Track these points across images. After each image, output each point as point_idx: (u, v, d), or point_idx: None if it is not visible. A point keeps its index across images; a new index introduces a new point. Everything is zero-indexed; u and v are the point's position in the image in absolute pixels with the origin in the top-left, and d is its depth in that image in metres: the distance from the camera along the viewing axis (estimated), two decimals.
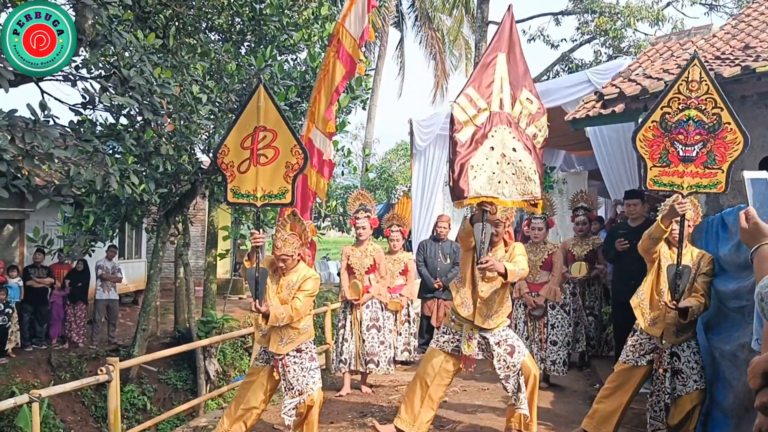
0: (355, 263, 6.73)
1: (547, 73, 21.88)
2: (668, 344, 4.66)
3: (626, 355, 4.85)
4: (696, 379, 4.62)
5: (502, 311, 4.97)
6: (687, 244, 4.71)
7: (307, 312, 4.87)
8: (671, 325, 4.62)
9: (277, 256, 4.81)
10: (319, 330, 14.26)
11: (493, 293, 4.90)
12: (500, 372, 4.95)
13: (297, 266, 4.89)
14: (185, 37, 8.84)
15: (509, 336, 5.00)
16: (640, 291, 4.87)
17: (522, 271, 4.88)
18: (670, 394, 4.66)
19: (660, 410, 4.71)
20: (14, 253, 12.94)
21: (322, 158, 5.32)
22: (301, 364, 4.89)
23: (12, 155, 5.31)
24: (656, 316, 4.70)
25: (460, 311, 4.99)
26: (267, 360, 4.98)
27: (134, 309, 15.72)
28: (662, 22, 18.04)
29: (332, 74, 5.19)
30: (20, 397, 4.49)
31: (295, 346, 4.86)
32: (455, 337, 5.04)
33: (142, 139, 7.34)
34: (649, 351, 4.75)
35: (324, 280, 22.82)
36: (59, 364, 11.05)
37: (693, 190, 4.43)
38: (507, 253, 5.00)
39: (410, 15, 25.47)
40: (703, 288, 4.59)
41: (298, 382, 4.86)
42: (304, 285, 4.79)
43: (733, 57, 6.40)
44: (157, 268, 11.72)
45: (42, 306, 11.65)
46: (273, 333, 4.84)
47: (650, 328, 4.73)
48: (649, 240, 4.66)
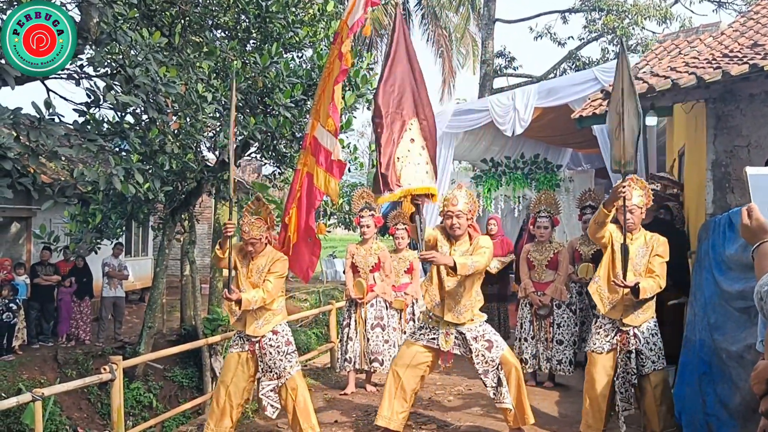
0: (359, 262, 6.72)
1: (555, 70, 21.82)
2: (630, 326, 4.82)
3: (593, 343, 4.96)
4: (654, 360, 4.81)
5: (471, 304, 4.94)
6: (639, 229, 4.95)
7: (278, 292, 5.03)
8: (630, 307, 4.79)
9: (245, 240, 4.99)
10: (324, 328, 14.27)
11: (457, 286, 4.90)
12: (479, 367, 4.97)
13: (264, 250, 5.05)
14: (191, 35, 8.82)
15: (486, 331, 5.01)
16: (597, 276, 5.00)
17: (475, 263, 4.77)
18: (635, 374, 4.81)
19: (626, 390, 4.83)
20: (21, 251, 12.99)
21: (330, 157, 5.27)
22: (278, 347, 5.02)
23: (17, 153, 5.31)
24: (614, 300, 4.84)
25: (432, 309, 5.02)
26: (242, 345, 5.09)
27: (140, 306, 15.75)
28: (670, 20, 17.97)
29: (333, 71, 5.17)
30: (23, 396, 4.50)
31: (271, 327, 5.02)
32: (432, 332, 5.06)
33: (147, 138, 7.32)
34: (613, 335, 4.87)
35: (330, 278, 22.84)
36: (66, 361, 11.08)
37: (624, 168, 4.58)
38: (471, 246, 4.97)
39: (417, 13, 25.39)
40: (657, 268, 4.81)
41: (275, 365, 5.01)
42: (273, 267, 4.97)
43: (741, 55, 6.34)
44: (164, 265, 11.73)
45: (49, 303, 11.69)
46: (248, 316, 5.00)
47: (610, 311, 4.88)
48: (595, 225, 4.85)
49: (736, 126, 5.96)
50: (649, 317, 4.87)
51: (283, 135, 9.19)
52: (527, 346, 6.78)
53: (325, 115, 5.21)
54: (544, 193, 7.21)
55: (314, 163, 5.29)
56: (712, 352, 4.75)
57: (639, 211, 4.92)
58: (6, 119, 5.24)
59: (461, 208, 4.93)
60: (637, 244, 4.87)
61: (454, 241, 5.03)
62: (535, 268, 6.76)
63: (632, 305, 4.79)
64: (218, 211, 15.29)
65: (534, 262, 6.76)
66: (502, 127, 10.85)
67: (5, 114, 5.26)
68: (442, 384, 7.03)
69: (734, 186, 5.91)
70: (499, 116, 10.77)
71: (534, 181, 11.47)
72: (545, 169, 11.58)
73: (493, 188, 11.69)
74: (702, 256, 5.26)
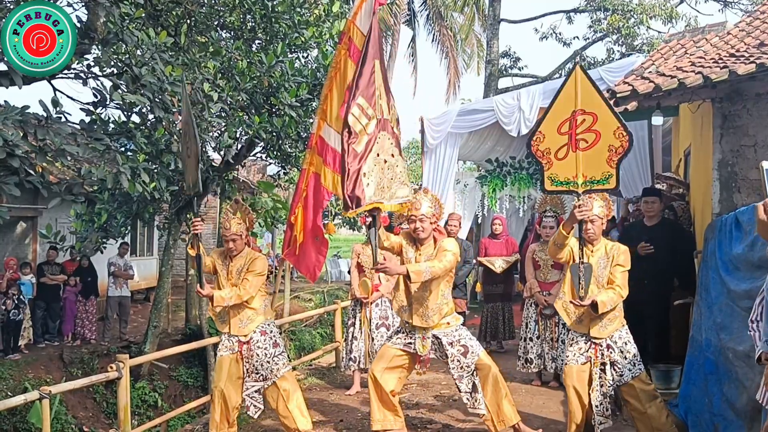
0: (365, 261, 6.73)
1: (560, 71, 21.78)
2: (603, 339, 4.76)
3: (567, 357, 4.90)
4: (630, 367, 4.74)
5: (438, 307, 4.91)
6: (600, 239, 4.87)
7: (256, 290, 5.05)
8: (596, 320, 4.73)
9: (226, 237, 5.04)
10: (329, 328, 14.27)
11: (422, 290, 4.88)
12: (454, 372, 4.96)
13: (243, 251, 5.11)
14: (197, 35, 8.85)
15: (462, 336, 4.99)
16: (561, 292, 4.95)
17: (432, 269, 4.71)
18: (612, 386, 4.77)
19: (601, 404, 4.76)
20: (27, 250, 13.03)
21: (336, 156, 5.28)
22: (265, 349, 5.05)
23: (24, 151, 5.33)
24: (580, 314, 4.80)
25: (401, 316, 5.03)
26: (231, 348, 5.10)
27: (146, 306, 15.79)
28: (675, 19, 17.91)
29: (344, 72, 5.16)
30: (31, 394, 4.53)
31: (255, 326, 5.05)
32: (409, 336, 5.04)
33: (154, 137, 7.35)
34: (586, 348, 4.82)
35: (335, 278, 22.85)
36: (71, 361, 11.11)
37: (587, 187, 4.52)
38: (435, 250, 4.96)
39: (422, 13, 25.37)
40: (618, 278, 4.73)
41: (262, 367, 5.04)
42: (251, 266, 5.02)
43: (748, 54, 6.32)
44: (169, 265, 11.75)
45: (54, 302, 11.72)
46: (232, 317, 5.05)
47: (577, 326, 4.85)
48: (554, 246, 4.74)
49: (742, 126, 5.94)
50: (619, 326, 4.79)
51: (288, 135, 9.20)
52: (532, 345, 6.78)
53: (333, 115, 5.21)
54: None
55: (321, 163, 5.30)
56: (719, 352, 4.74)
57: (600, 221, 4.82)
58: (14, 117, 5.27)
59: (424, 212, 4.91)
60: (598, 255, 4.79)
61: (419, 245, 4.99)
62: (541, 268, 6.76)
63: (597, 317, 4.71)
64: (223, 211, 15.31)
65: (540, 262, 6.76)
66: (507, 128, 10.85)
67: (13, 112, 5.29)
68: (446, 384, 7.02)
69: (741, 186, 5.89)
70: (504, 116, 10.77)
71: (539, 181, 11.43)
72: None
73: (498, 188, 11.69)
74: (708, 256, 5.25)
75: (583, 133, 4.46)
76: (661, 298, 6.44)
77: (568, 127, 4.48)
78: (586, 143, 4.47)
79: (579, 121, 4.46)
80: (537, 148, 4.59)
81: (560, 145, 4.52)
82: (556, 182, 4.58)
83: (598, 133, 4.43)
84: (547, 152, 4.56)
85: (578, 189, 4.51)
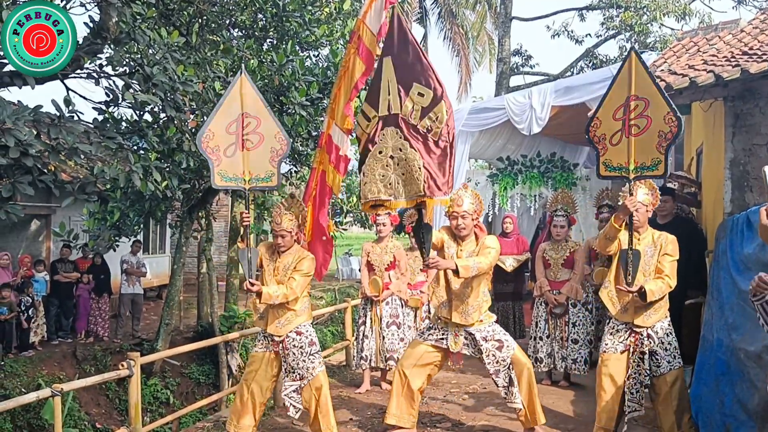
0: (375, 260, 6.74)
1: (572, 69, 21.70)
2: (644, 327, 4.77)
3: (605, 344, 4.91)
4: (669, 360, 4.76)
5: (479, 305, 4.94)
6: (647, 228, 4.89)
7: (302, 292, 4.98)
8: (641, 309, 4.75)
9: (275, 232, 4.95)
10: (340, 326, 14.30)
11: (464, 287, 4.90)
12: (490, 367, 4.98)
13: (292, 248, 5.01)
14: (208, 34, 8.89)
15: (496, 331, 5.02)
16: (606, 281, 4.98)
17: (479, 264, 4.77)
18: (648, 375, 4.75)
19: (637, 392, 4.77)
20: (41, 248, 13.14)
21: (338, 154, 5.32)
22: (302, 348, 4.98)
23: (37, 150, 5.38)
24: (626, 303, 4.81)
25: (437, 310, 5.04)
26: (267, 345, 5.07)
27: (158, 303, 15.88)
28: (689, 16, 17.77)
29: (352, 71, 5.19)
30: (43, 391, 4.57)
31: (292, 327, 4.96)
32: (441, 332, 5.07)
33: (165, 136, 7.40)
34: (626, 336, 4.82)
35: (345, 276, 22.88)
36: (84, 358, 11.20)
37: (638, 173, 4.58)
38: (477, 246, 4.97)
39: (434, 11, 25.33)
40: (666, 268, 4.74)
41: (298, 366, 4.97)
42: (299, 265, 4.92)
43: (761, 52, 6.28)
44: (181, 263, 11.82)
45: (68, 300, 11.81)
46: (270, 315, 4.98)
47: (622, 315, 4.85)
48: (606, 240, 4.80)
49: (754, 124, 5.90)
50: (662, 317, 4.82)
51: (299, 133, 9.23)
52: (542, 345, 6.77)
53: (340, 114, 5.24)
54: (561, 192, 7.19)
55: (327, 161, 5.34)
56: (730, 352, 4.71)
57: (644, 209, 4.84)
58: (27, 117, 5.32)
59: (466, 208, 4.92)
60: (645, 243, 4.82)
61: (461, 241, 5.02)
62: (551, 266, 6.75)
63: (643, 307, 4.74)
64: (234, 209, 15.37)
65: (550, 260, 6.75)
66: (519, 126, 10.81)
67: (26, 112, 5.34)
68: (456, 383, 7.03)
69: (752, 185, 5.85)
70: (515, 115, 10.72)
71: (550, 180, 11.40)
72: (562, 168, 11.51)
73: (509, 187, 11.64)
74: (719, 256, 5.22)
75: (636, 118, 4.53)
76: (674, 298, 6.40)
77: (623, 113, 4.55)
78: (638, 129, 4.53)
79: (632, 106, 4.52)
80: (594, 133, 4.67)
81: (615, 130, 4.60)
82: (609, 167, 4.68)
83: (649, 118, 4.49)
84: (602, 138, 4.65)
85: (629, 175, 4.59)
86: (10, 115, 5.11)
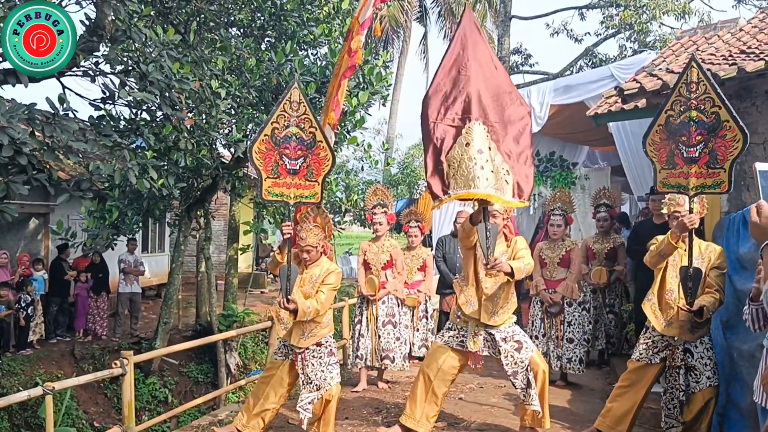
0: (371, 259, 6.72)
1: (571, 68, 21.68)
2: (681, 341, 4.62)
3: (639, 353, 4.80)
4: (709, 375, 4.58)
5: (508, 307, 4.94)
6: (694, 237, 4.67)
7: (329, 306, 4.95)
8: (686, 323, 4.58)
9: (301, 248, 4.86)
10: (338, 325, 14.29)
11: (497, 289, 4.88)
12: (508, 368, 4.93)
13: (319, 260, 4.96)
14: (206, 33, 8.88)
15: (516, 332, 4.98)
16: (650, 294, 4.82)
17: (527, 266, 4.83)
18: (684, 391, 4.61)
19: (674, 407, 4.66)
20: (39, 246, 13.12)
21: None
22: (320, 358, 4.94)
23: (32, 149, 5.36)
24: (670, 317, 4.65)
25: (464, 309, 4.98)
26: (286, 354, 5.04)
27: (157, 302, 15.87)
28: (689, 15, 17.76)
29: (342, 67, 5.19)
30: (34, 390, 4.56)
31: (316, 340, 4.92)
32: (461, 333, 5.04)
33: (162, 134, 7.39)
34: (663, 348, 4.71)
35: (346, 275, 22.84)
36: (82, 356, 11.19)
37: (698, 191, 4.39)
38: (509, 249, 4.96)
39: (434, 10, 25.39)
40: (716, 283, 4.54)
41: (316, 376, 4.92)
42: (327, 279, 4.87)
43: (759, 51, 6.26)
44: (179, 262, 11.80)
45: (66, 298, 11.80)
46: (295, 327, 4.92)
47: (666, 329, 4.67)
48: (659, 257, 4.62)
49: (751, 123, 5.88)
50: (707, 332, 4.65)
51: None
52: (538, 344, 6.74)
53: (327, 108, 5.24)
54: (559, 191, 7.17)
55: None
56: (724, 352, 4.70)
57: None
58: (21, 115, 5.30)
59: (497, 207, 4.83)
60: (693, 254, 4.57)
61: None
62: (547, 265, 6.73)
63: (688, 321, 4.55)
64: (233, 208, 15.37)
65: (546, 259, 6.73)
66: None
67: (20, 109, 5.32)
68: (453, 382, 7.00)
69: (749, 184, 5.84)
70: None
71: (549, 179, 11.40)
72: (561, 167, 11.50)
73: None
74: None
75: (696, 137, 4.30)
76: None
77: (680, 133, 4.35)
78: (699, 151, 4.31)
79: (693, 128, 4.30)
80: (650, 148, 4.50)
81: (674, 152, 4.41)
82: (667, 185, 4.49)
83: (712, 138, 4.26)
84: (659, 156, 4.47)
85: (689, 193, 4.41)
86: (5, 113, 5.09)
